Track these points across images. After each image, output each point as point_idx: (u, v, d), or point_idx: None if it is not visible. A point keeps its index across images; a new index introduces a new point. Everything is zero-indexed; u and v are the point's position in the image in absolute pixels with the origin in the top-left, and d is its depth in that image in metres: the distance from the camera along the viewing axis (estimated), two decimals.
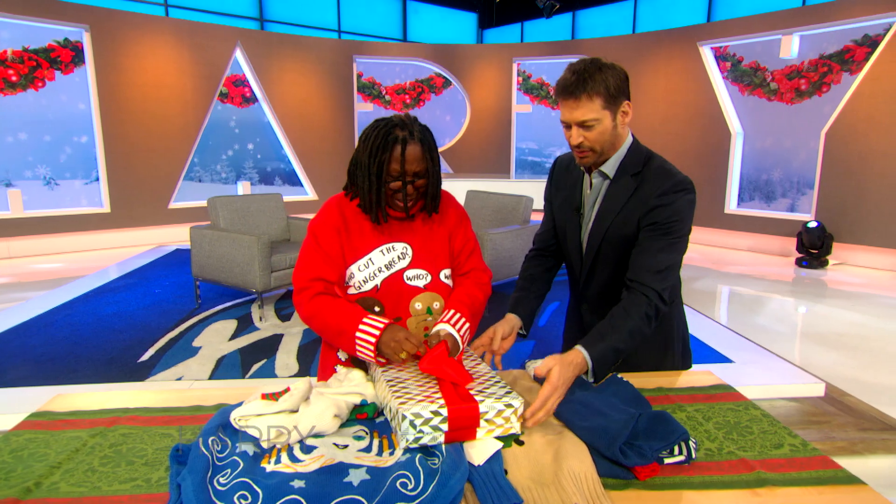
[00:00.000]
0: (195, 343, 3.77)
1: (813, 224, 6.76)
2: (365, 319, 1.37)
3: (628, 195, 1.49)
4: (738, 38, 7.72)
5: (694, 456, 1.10)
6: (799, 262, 6.85)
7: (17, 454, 1.18)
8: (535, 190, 6.50)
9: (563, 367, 1.25)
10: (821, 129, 7.09)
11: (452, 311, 1.47)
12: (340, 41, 9.76)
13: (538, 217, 5.61)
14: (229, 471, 1.06)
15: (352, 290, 1.50)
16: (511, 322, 1.61)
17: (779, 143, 7.77)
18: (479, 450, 1.11)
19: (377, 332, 1.34)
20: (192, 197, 8.61)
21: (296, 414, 1.24)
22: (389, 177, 1.42)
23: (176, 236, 8.07)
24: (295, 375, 3.27)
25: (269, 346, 3.73)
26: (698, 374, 1.54)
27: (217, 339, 3.85)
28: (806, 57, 7.33)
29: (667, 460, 1.09)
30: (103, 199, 7.67)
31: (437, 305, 1.53)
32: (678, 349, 1.66)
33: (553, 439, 1.16)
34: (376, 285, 1.48)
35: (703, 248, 8.02)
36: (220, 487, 1.02)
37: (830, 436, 2.63)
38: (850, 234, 6.84)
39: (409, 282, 1.50)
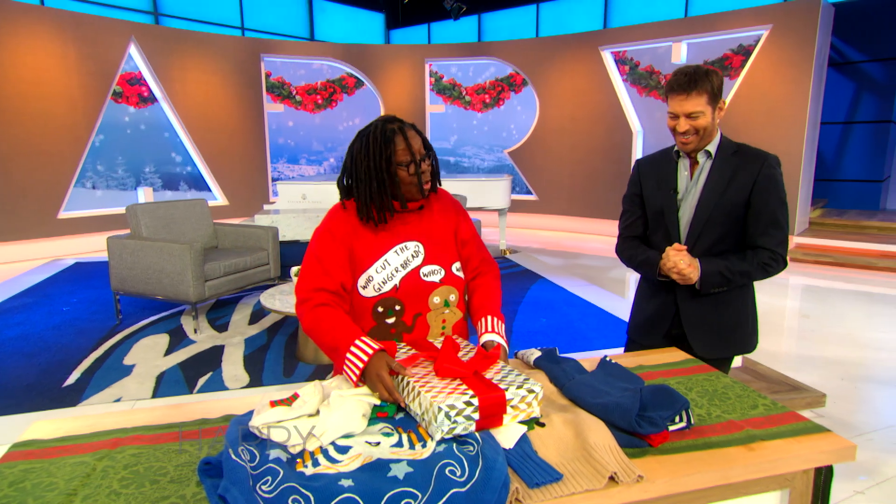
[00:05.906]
0: (126, 361, 3.51)
1: None
2: (356, 342, 1.38)
3: (733, 168, 1.79)
4: (634, 43, 8.35)
5: (693, 422, 1.25)
6: None
7: (19, 486, 1.10)
8: (462, 189, 6.65)
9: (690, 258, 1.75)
10: None
11: (491, 317, 1.57)
12: (246, 39, 9.37)
13: (471, 215, 5.78)
14: (269, 478, 1.05)
15: (371, 293, 1.52)
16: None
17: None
18: (506, 435, 1.19)
19: (365, 359, 1.35)
20: (86, 205, 7.89)
21: (317, 417, 1.25)
22: (400, 166, 1.49)
23: (71, 248, 7.38)
24: (247, 386, 3.15)
25: (210, 359, 3.56)
26: (668, 352, 1.72)
27: (151, 355, 3.61)
28: (693, 62, 8.07)
29: (671, 427, 1.23)
30: None
31: (452, 298, 1.60)
32: (750, 325, 1.91)
33: (570, 418, 1.26)
34: (395, 285, 1.52)
35: (610, 238, 8.59)
36: (266, 496, 1.02)
37: None
38: None
39: (425, 278, 1.55)
